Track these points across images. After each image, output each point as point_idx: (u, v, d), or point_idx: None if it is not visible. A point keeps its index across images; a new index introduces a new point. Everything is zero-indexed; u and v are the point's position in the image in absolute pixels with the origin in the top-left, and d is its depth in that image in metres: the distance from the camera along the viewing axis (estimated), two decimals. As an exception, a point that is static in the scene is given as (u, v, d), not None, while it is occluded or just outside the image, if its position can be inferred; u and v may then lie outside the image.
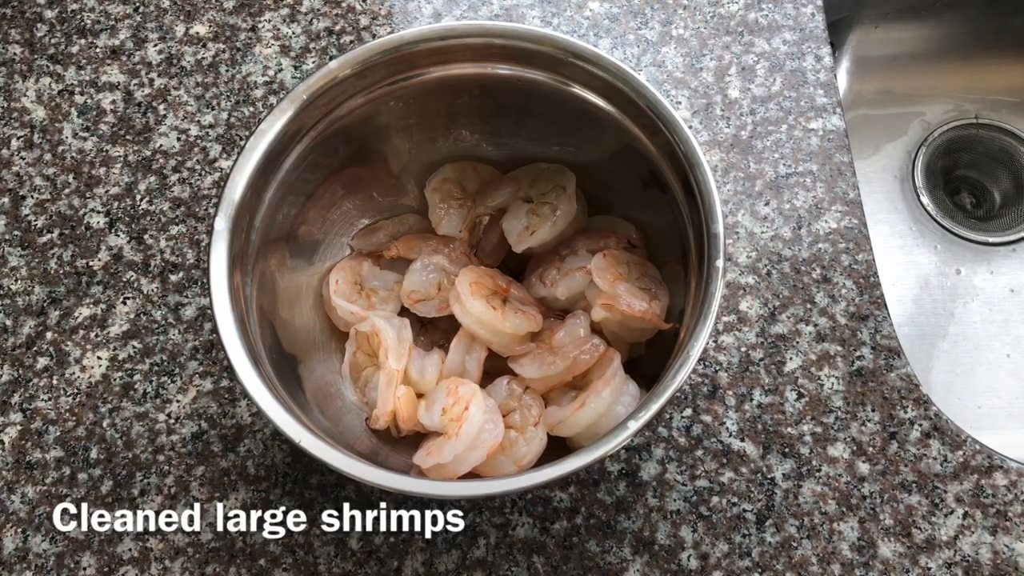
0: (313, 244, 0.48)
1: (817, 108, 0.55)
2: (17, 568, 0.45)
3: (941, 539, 0.45)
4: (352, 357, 0.46)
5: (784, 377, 0.48)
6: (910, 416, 0.47)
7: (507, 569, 0.44)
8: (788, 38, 0.57)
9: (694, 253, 0.41)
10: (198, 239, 0.52)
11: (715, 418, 0.47)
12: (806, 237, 0.51)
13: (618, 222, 0.49)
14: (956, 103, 0.68)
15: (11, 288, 0.51)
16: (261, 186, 0.42)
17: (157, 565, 0.45)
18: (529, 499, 0.46)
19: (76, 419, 0.48)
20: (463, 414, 0.41)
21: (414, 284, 0.47)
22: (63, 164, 0.54)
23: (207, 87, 0.56)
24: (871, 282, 0.50)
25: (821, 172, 0.53)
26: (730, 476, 0.46)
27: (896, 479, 0.46)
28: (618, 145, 0.44)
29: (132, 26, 0.58)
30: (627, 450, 0.47)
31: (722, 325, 0.49)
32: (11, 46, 0.58)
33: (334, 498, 0.46)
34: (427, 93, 0.45)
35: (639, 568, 0.44)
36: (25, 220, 0.53)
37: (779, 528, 0.45)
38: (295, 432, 0.36)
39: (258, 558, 0.45)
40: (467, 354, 0.45)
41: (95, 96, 0.56)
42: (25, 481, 0.47)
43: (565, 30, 0.57)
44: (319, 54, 0.57)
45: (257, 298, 0.41)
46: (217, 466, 0.47)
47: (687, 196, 0.41)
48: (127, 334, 0.50)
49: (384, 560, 0.45)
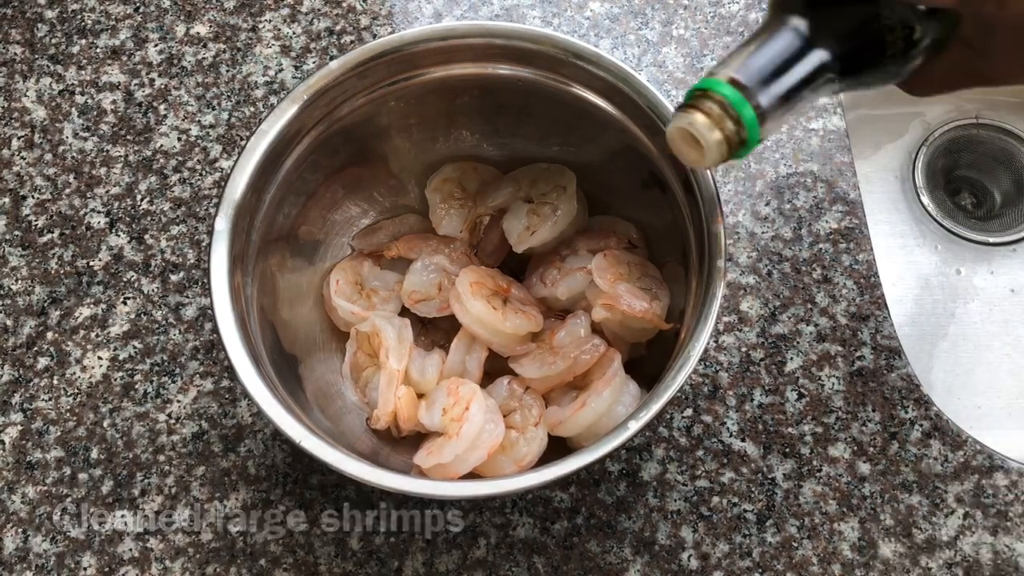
0: (313, 244, 0.48)
1: (818, 108, 0.55)
2: (17, 568, 0.45)
3: (942, 539, 0.45)
4: (352, 357, 0.46)
5: (785, 377, 0.48)
6: (911, 416, 0.47)
7: (507, 569, 0.44)
8: (788, 38, 0.57)
9: (694, 253, 0.41)
10: (199, 239, 0.52)
11: (716, 418, 0.47)
12: (807, 237, 0.51)
13: (618, 222, 0.49)
14: (956, 103, 0.68)
15: (11, 288, 0.51)
16: (262, 186, 0.42)
17: (157, 565, 0.45)
18: (529, 499, 0.46)
19: (76, 419, 0.48)
20: (463, 414, 0.41)
21: (414, 284, 0.47)
22: (63, 164, 0.54)
23: (208, 87, 0.56)
24: (871, 282, 0.50)
25: (822, 172, 0.53)
26: (731, 476, 0.46)
27: (897, 479, 0.46)
28: (618, 145, 0.44)
29: (132, 26, 0.59)
30: (627, 450, 0.47)
31: (723, 325, 0.49)
32: (11, 46, 0.58)
33: (334, 498, 0.46)
34: (427, 93, 0.45)
35: (639, 568, 0.44)
36: (25, 220, 0.53)
37: (780, 528, 0.45)
38: (296, 432, 0.36)
39: (258, 558, 0.45)
40: (467, 354, 0.45)
41: (95, 96, 0.56)
42: (25, 481, 0.47)
43: (565, 30, 0.57)
44: (320, 54, 0.57)
45: (258, 298, 0.41)
46: (217, 466, 0.47)
47: (687, 196, 0.41)
48: (127, 334, 0.50)
49: (384, 560, 0.45)
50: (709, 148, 0.33)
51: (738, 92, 0.33)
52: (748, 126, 0.33)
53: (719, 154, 0.33)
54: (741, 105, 0.33)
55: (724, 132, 0.33)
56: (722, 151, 0.33)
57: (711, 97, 0.33)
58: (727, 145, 0.33)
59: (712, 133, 0.33)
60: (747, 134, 0.33)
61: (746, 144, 0.33)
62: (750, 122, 0.33)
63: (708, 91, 0.33)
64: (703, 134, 0.33)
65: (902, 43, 0.35)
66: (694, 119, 0.33)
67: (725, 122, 0.33)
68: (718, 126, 0.33)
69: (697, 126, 0.33)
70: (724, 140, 0.33)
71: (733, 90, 0.33)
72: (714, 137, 0.33)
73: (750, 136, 0.33)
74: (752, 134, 0.33)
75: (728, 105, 0.33)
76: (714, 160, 0.34)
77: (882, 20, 0.34)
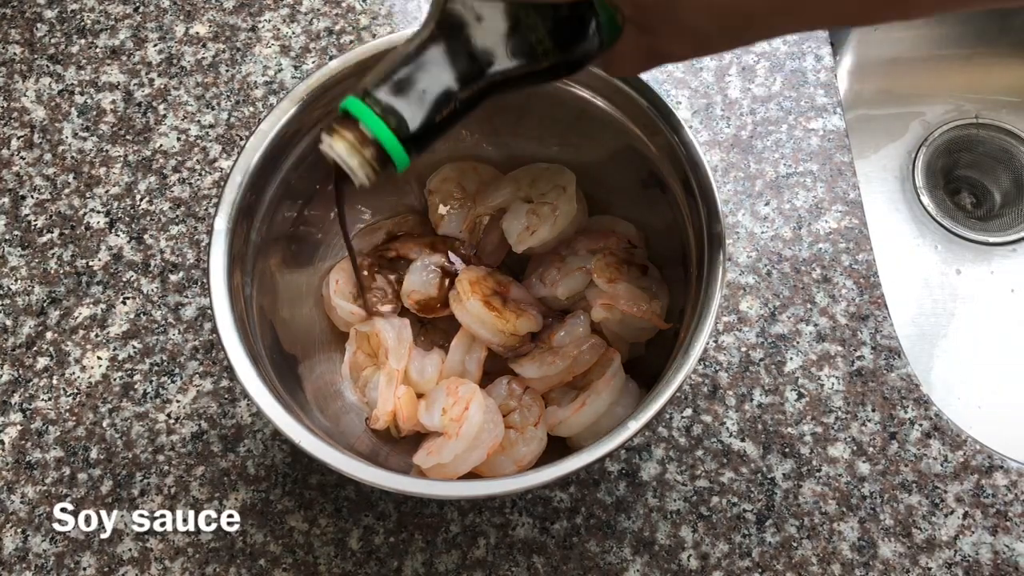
0: (313, 244, 0.48)
1: (817, 108, 0.55)
2: (17, 568, 0.45)
3: (941, 539, 0.45)
4: (352, 357, 0.46)
5: (784, 377, 0.48)
6: (910, 416, 0.47)
7: (507, 569, 0.44)
8: (788, 38, 0.57)
9: (694, 253, 0.41)
10: (198, 239, 0.52)
11: (715, 418, 0.47)
12: (806, 237, 0.51)
13: (618, 222, 0.49)
14: (956, 103, 0.68)
15: (11, 288, 0.51)
16: (261, 186, 0.42)
17: (157, 565, 0.45)
18: (529, 499, 0.46)
19: (76, 419, 0.48)
20: (463, 414, 0.41)
21: (414, 284, 0.47)
22: (63, 164, 0.54)
23: (207, 87, 0.56)
24: (871, 282, 0.50)
25: (821, 172, 0.53)
26: (730, 476, 0.46)
27: (896, 479, 0.46)
28: (618, 145, 0.44)
29: (132, 26, 0.58)
30: (627, 450, 0.47)
31: (722, 325, 0.49)
32: (11, 46, 0.58)
33: (334, 498, 0.46)
34: (427, 93, 0.45)
35: (639, 568, 0.44)
36: (25, 220, 0.53)
37: (779, 528, 0.45)
38: (295, 432, 0.36)
39: (258, 558, 0.45)
40: (467, 354, 0.45)
41: (95, 96, 0.56)
42: (25, 481, 0.47)
43: (565, 30, 0.57)
44: (319, 54, 0.57)
45: (257, 298, 0.41)
46: (217, 466, 0.47)
47: (687, 196, 0.41)
48: (127, 334, 0.50)
49: (384, 560, 0.45)
50: (353, 172, 0.32)
51: (374, 113, 0.31)
52: (389, 149, 0.31)
53: (365, 176, 0.32)
54: (379, 127, 0.31)
55: (364, 156, 0.31)
56: (367, 173, 0.32)
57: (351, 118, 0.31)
58: (370, 168, 0.32)
59: (352, 158, 0.32)
60: (393, 156, 0.31)
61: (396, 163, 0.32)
62: (390, 144, 0.31)
63: (348, 112, 0.31)
64: (344, 159, 0.32)
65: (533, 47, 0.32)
66: (335, 144, 0.32)
67: (365, 146, 0.31)
68: (357, 151, 0.31)
69: (337, 150, 0.32)
70: (366, 163, 0.32)
71: (369, 112, 0.31)
72: (355, 161, 0.32)
73: (395, 158, 0.32)
74: (397, 156, 0.32)
75: (366, 128, 0.31)
76: (363, 181, 0.32)
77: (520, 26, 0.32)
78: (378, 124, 0.31)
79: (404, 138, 0.31)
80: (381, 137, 0.31)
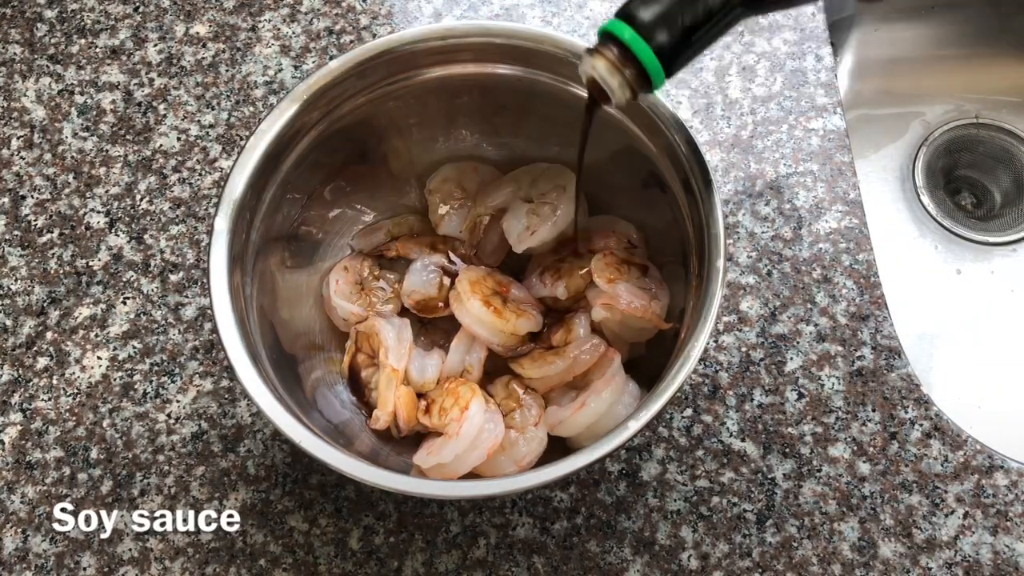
0: (313, 244, 0.48)
1: (817, 108, 0.55)
2: (17, 568, 0.45)
3: (942, 539, 0.45)
4: (352, 357, 0.46)
5: (784, 377, 0.48)
6: (910, 416, 0.47)
7: (507, 569, 0.44)
8: (788, 38, 0.57)
9: (694, 253, 0.41)
10: (198, 239, 0.52)
11: (715, 418, 0.47)
12: (806, 237, 0.51)
13: (618, 222, 0.49)
14: (956, 103, 0.68)
15: (11, 288, 0.51)
16: (261, 186, 0.42)
17: (157, 565, 0.45)
18: (529, 499, 0.46)
19: (76, 419, 0.48)
20: (463, 414, 0.41)
21: (414, 284, 0.47)
22: (63, 164, 0.54)
23: (207, 87, 0.56)
24: (871, 282, 0.50)
25: (821, 172, 0.53)
26: (730, 476, 0.46)
27: (897, 479, 0.46)
28: (618, 145, 0.44)
29: (132, 26, 0.58)
30: (627, 450, 0.47)
31: (722, 325, 0.49)
32: (11, 46, 0.58)
33: (334, 498, 0.46)
34: (427, 93, 0.45)
35: (639, 568, 0.44)
36: (25, 220, 0.53)
37: (779, 528, 0.45)
38: (295, 432, 0.36)
39: (258, 558, 0.45)
40: (467, 354, 0.45)
41: (95, 96, 0.56)
42: (25, 481, 0.47)
43: (565, 30, 0.57)
44: (319, 54, 0.57)
45: (257, 298, 0.41)
46: (217, 466, 0.47)
47: (687, 196, 0.41)
48: (127, 334, 0.50)
49: (384, 560, 0.45)
50: (612, 92, 0.34)
51: (637, 34, 0.32)
52: (650, 68, 0.33)
53: (623, 96, 0.34)
54: (640, 47, 0.32)
55: (624, 76, 0.33)
56: (625, 94, 0.34)
57: (613, 39, 0.33)
58: (629, 89, 0.34)
59: (613, 78, 0.33)
60: (652, 76, 0.33)
61: (651, 84, 0.34)
62: (650, 64, 0.33)
63: (611, 33, 0.33)
64: (605, 79, 0.33)
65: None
66: (596, 64, 0.33)
67: (626, 66, 0.33)
68: (619, 70, 0.33)
69: (599, 71, 0.33)
70: (626, 83, 0.33)
71: (632, 32, 0.32)
72: (615, 81, 0.33)
73: (654, 78, 0.33)
74: (656, 77, 0.33)
75: (628, 48, 0.33)
76: (620, 101, 0.34)
77: None
78: (639, 44, 0.33)
79: (663, 57, 0.33)
80: (642, 56, 0.33)
